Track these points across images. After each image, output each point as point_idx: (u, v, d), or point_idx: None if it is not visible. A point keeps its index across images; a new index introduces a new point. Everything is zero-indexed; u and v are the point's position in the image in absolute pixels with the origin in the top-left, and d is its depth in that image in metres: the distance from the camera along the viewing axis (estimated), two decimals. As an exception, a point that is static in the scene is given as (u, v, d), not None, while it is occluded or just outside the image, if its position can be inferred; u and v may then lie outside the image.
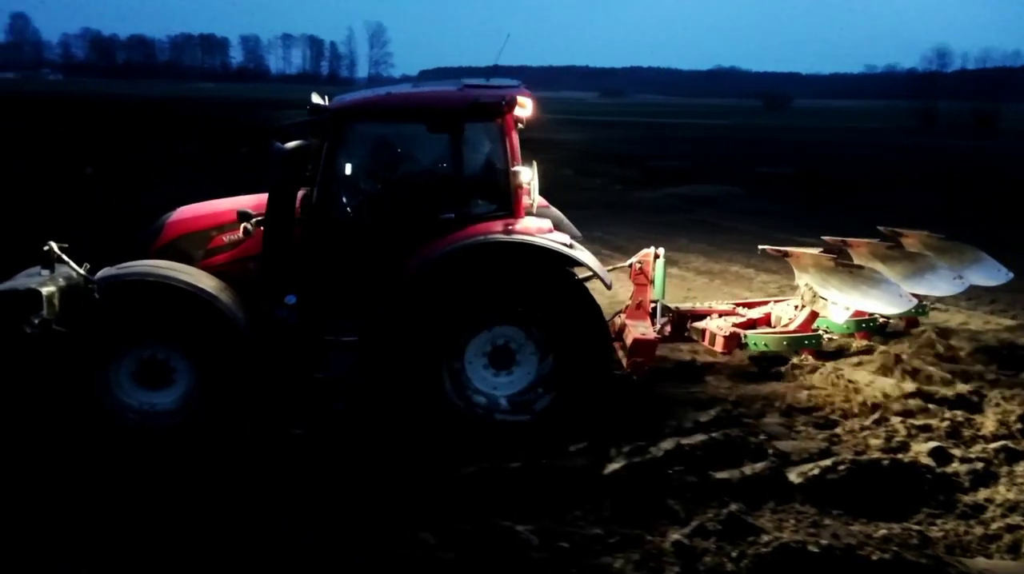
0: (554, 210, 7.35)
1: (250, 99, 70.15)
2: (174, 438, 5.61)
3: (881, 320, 7.55)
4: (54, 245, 5.77)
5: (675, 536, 4.36)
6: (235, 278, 6.06)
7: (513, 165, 6.08)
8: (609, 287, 6.18)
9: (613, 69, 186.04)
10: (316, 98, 6.20)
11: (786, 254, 7.50)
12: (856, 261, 7.77)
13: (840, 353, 7.57)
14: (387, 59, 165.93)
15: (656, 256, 7.16)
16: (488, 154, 6.34)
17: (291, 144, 5.98)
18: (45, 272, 5.69)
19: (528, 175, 6.19)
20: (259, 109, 52.54)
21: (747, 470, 5.08)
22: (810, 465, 5.15)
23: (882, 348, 7.42)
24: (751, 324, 7.36)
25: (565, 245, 5.91)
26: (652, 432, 5.68)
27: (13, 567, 4.21)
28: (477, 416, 5.92)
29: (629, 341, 6.62)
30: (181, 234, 6.41)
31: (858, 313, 7.12)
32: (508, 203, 6.14)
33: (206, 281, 5.78)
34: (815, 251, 7.19)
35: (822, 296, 6.89)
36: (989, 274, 7.68)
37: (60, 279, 5.65)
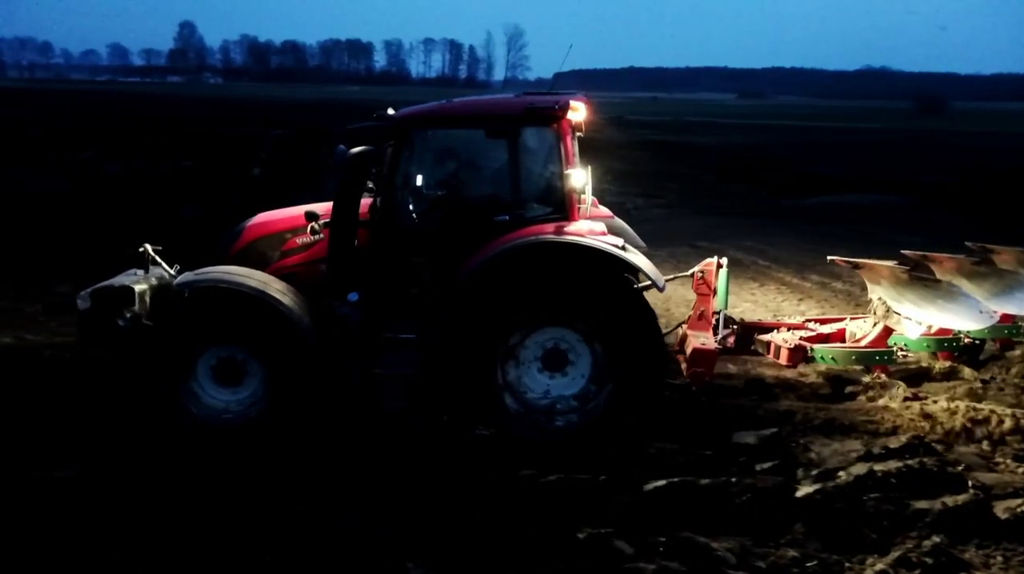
0: (618, 220, 7.39)
1: (393, 102, 72.65)
2: (248, 434, 5.92)
3: (966, 340, 7.11)
4: (149, 247, 6.47)
5: (878, 565, 4.29)
6: (307, 278, 6.39)
7: (567, 169, 6.16)
8: (662, 290, 6.09)
9: (753, 70, 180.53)
10: (390, 111, 6.50)
11: (857, 266, 7.20)
12: (940, 276, 7.39)
13: (922, 375, 7.24)
14: (524, 62, 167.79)
15: (719, 266, 7.01)
16: (543, 159, 6.41)
17: (357, 149, 6.20)
18: (140, 272, 6.36)
19: (582, 179, 6.24)
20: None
21: (948, 501, 4.89)
22: (1018, 500, 4.92)
23: (968, 371, 7.03)
24: (823, 339, 7.13)
25: (617, 247, 5.91)
26: (840, 456, 5.57)
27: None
28: (529, 417, 6.00)
29: (689, 351, 6.56)
30: (258, 237, 6.77)
31: (941, 331, 6.78)
32: (562, 206, 6.25)
33: (275, 285, 6.07)
34: (890, 263, 6.86)
35: (896, 311, 6.60)
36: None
37: (153, 279, 6.35)
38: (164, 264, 6.57)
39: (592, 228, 6.17)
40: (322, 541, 4.62)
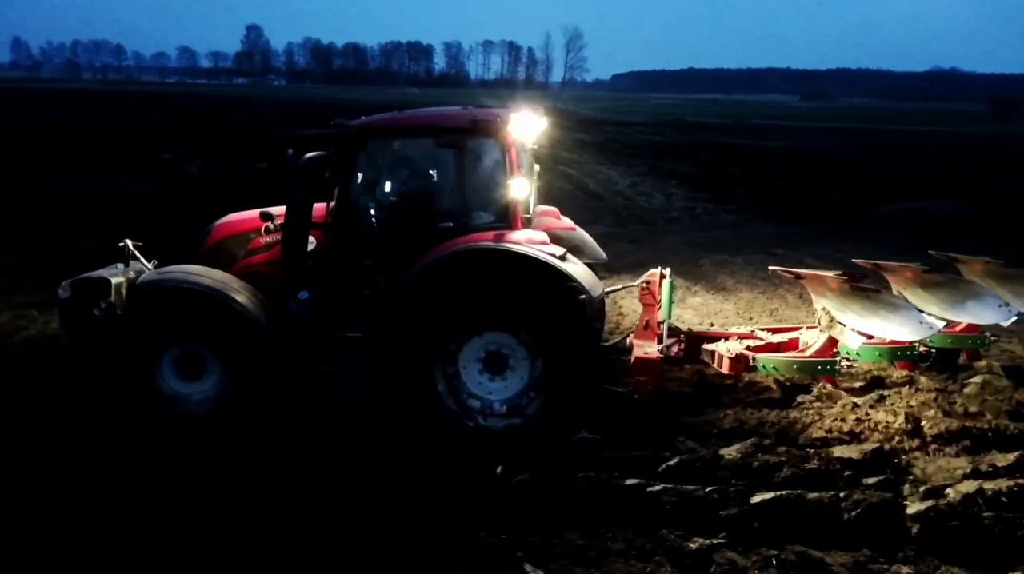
0: (580, 231, 7.82)
1: (449, 103, 73.22)
2: (210, 426, 6.28)
3: (922, 349, 7.11)
4: (129, 243, 6.98)
5: (1002, 587, 4.26)
6: (270, 276, 6.84)
7: (510, 180, 6.41)
8: (595, 302, 6.15)
9: (817, 71, 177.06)
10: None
11: (799, 276, 7.11)
12: (893, 286, 7.48)
13: (875, 384, 7.15)
14: (582, 63, 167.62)
15: (663, 277, 7.09)
16: (488, 170, 6.64)
17: (310, 154, 6.60)
18: (121, 266, 6.79)
19: (525, 190, 6.50)
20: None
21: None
22: None
23: (925, 380, 6.96)
24: (774, 348, 7.14)
25: (553, 255, 6.10)
26: (945, 473, 5.52)
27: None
28: (469, 419, 6.25)
29: (632, 360, 6.70)
30: (226, 236, 7.28)
31: (896, 341, 6.77)
32: (505, 216, 6.50)
33: (233, 285, 6.48)
34: (831, 274, 6.82)
35: (839, 321, 6.64)
36: None
37: (131, 272, 6.78)
38: (143, 259, 7.11)
39: (531, 237, 6.38)
40: (305, 537, 4.78)
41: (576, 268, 6.30)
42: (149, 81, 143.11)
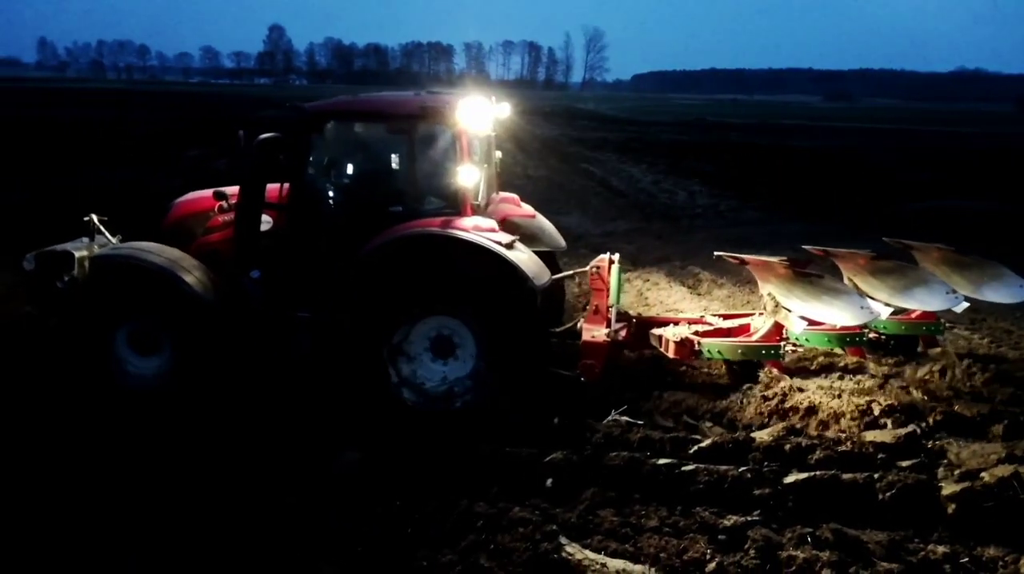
0: (540, 219, 8.01)
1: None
2: (164, 399, 6.41)
3: (871, 335, 7.17)
4: (95, 217, 7.16)
5: (1036, 565, 4.26)
6: (226, 254, 6.97)
7: (459, 166, 6.50)
8: (538, 289, 6.20)
9: (840, 71, 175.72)
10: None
11: (744, 262, 7.14)
12: (844, 273, 7.54)
13: (826, 370, 7.17)
14: (602, 63, 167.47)
15: (612, 262, 7.13)
16: (438, 155, 6.73)
17: (264, 135, 6.70)
18: (86, 240, 6.93)
19: (474, 176, 6.60)
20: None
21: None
22: None
23: (874, 366, 7.01)
24: (724, 334, 7.21)
25: (499, 243, 6.19)
26: (980, 458, 5.51)
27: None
28: (419, 399, 6.39)
29: (580, 344, 6.82)
30: (186, 214, 7.48)
31: (846, 327, 6.83)
32: (454, 201, 6.59)
33: (184, 263, 6.63)
34: (775, 259, 6.84)
35: (784, 306, 6.70)
36: (1009, 291, 7.09)
37: (95, 247, 6.92)
38: (107, 234, 7.28)
39: (478, 224, 6.44)
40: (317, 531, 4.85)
41: (521, 255, 6.36)
42: (173, 81, 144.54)
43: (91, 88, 78.03)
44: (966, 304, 7.16)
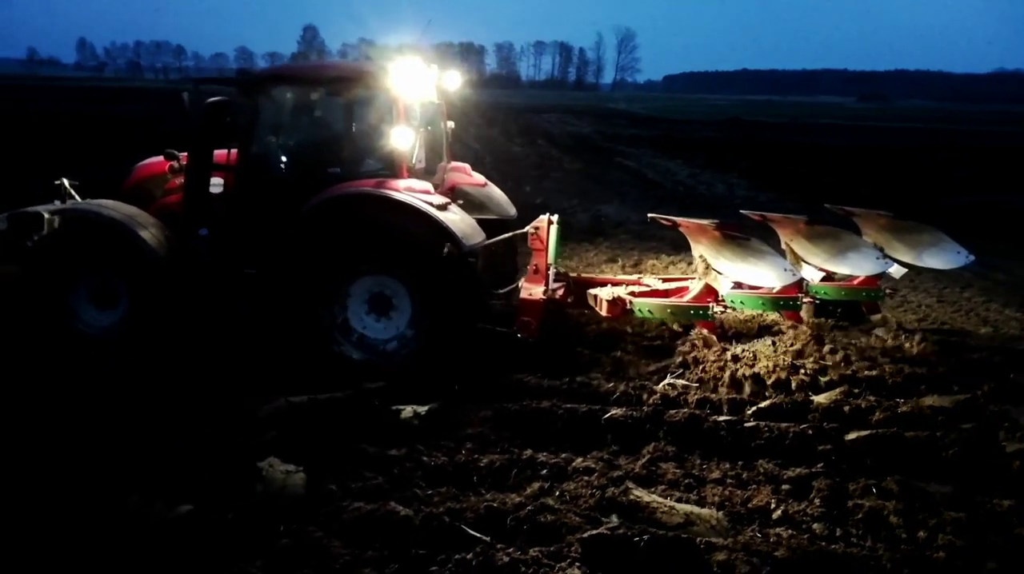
0: (491, 188, 8.34)
1: (508, 104, 73.64)
2: (122, 351, 6.66)
3: (806, 300, 7.34)
4: (66, 181, 7.48)
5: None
6: (182, 213, 7.23)
7: (395, 130, 6.69)
8: (462, 252, 6.31)
9: (874, 72, 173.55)
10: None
11: (676, 224, 7.20)
12: (782, 237, 7.69)
13: (761, 333, 7.33)
14: (634, 64, 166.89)
15: (551, 223, 7.27)
16: (376, 119, 6.96)
17: (212, 99, 6.97)
18: (57, 203, 7.17)
19: (409, 140, 6.78)
20: (520, 115, 55.11)
21: None
22: None
23: (803, 329, 7.15)
24: (662, 295, 7.42)
25: (430, 203, 6.38)
26: None
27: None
28: (353, 355, 6.59)
29: (518, 302, 7.05)
30: (145, 177, 7.88)
31: (786, 291, 7.08)
32: (391, 164, 6.78)
33: (139, 219, 6.92)
34: (705, 222, 6.93)
35: (715, 268, 6.89)
36: (947, 257, 7.38)
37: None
38: (78, 197, 7.57)
39: (411, 185, 6.63)
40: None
41: (452, 216, 6.55)
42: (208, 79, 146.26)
43: (130, 87, 79.30)
44: (903, 270, 7.48)
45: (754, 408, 5.65)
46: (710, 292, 7.06)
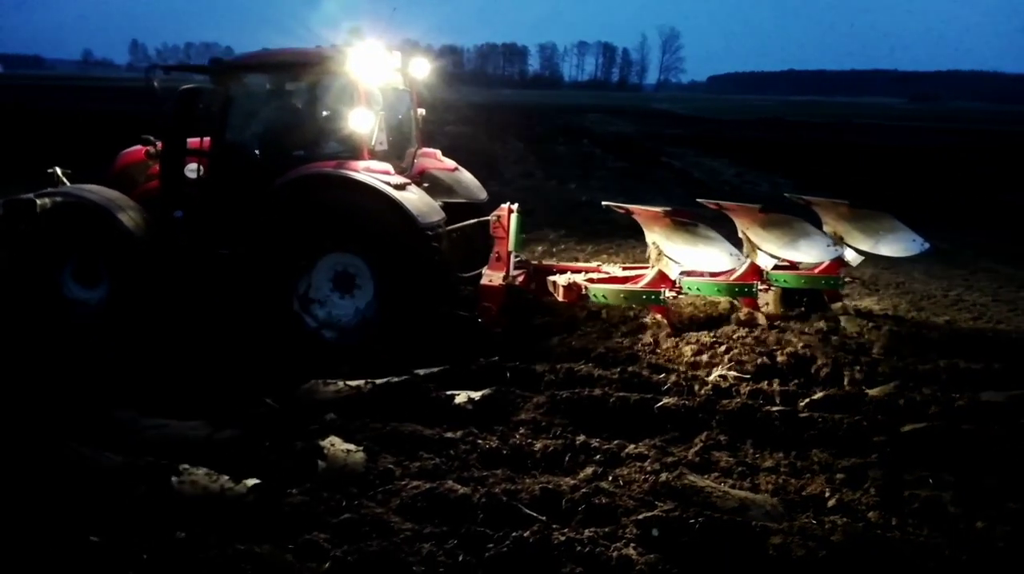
0: (461, 172, 8.62)
1: (550, 104, 73.72)
2: (105, 328, 7.01)
3: (762, 287, 7.51)
4: (58, 170, 7.84)
5: None
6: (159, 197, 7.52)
7: (356, 113, 6.96)
8: (422, 231, 6.54)
9: (925, 73, 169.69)
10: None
11: (630, 211, 7.39)
12: (738, 225, 7.83)
13: (716, 321, 7.52)
14: (678, 64, 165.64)
15: (511, 211, 7.43)
16: (338, 103, 7.24)
17: (186, 87, 7.28)
18: (50, 190, 7.40)
19: (369, 123, 7.02)
20: (562, 114, 55.17)
21: None
22: None
23: (762, 318, 7.35)
24: (619, 282, 7.59)
25: (388, 184, 6.62)
26: None
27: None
28: (319, 332, 6.89)
29: (479, 287, 7.28)
30: (128, 164, 8.19)
31: (745, 277, 7.43)
32: (353, 146, 7.04)
33: (119, 202, 7.23)
34: (657, 209, 7.14)
35: (667, 254, 7.06)
36: (903, 245, 7.52)
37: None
38: (68, 183, 7.89)
39: (370, 166, 6.87)
40: None
41: (410, 195, 6.75)
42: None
43: (175, 86, 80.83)
44: (860, 258, 7.70)
45: (807, 399, 5.65)
46: (663, 278, 7.24)
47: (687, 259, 6.98)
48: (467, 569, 3.74)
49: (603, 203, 7.83)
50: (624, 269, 8.12)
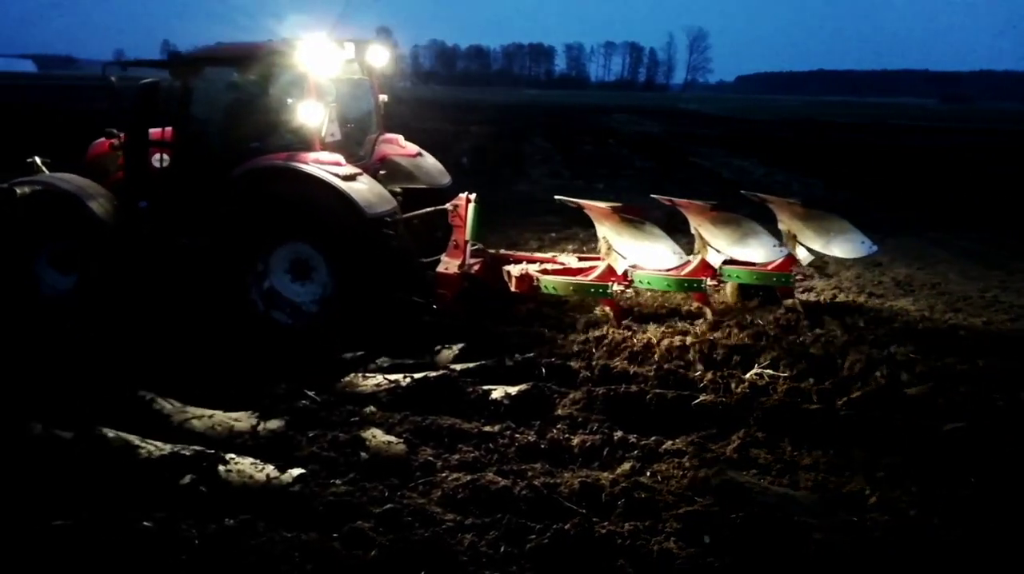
0: (424, 158, 8.78)
1: (576, 104, 73.72)
2: (77, 311, 7.27)
3: (710, 282, 7.65)
4: (37, 159, 8.07)
5: None
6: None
7: (306, 105, 7.11)
8: (369, 219, 6.71)
9: (958, 73, 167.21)
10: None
11: (580, 206, 7.51)
12: (691, 222, 7.98)
13: (670, 314, 7.84)
14: (705, 64, 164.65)
15: (468, 201, 7.54)
16: (289, 95, 7.39)
17: (146, 80, 7.47)
18: (28, 178, 7.63)
19: (318, 114, 7.15)
20: (588, 114, 55.14)
21: None
22: None
23: (709, 312, 7.58)
24: (573, 273, 7.72)
25: (336, 174, 6.79)
26: None
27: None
28: (275, 318, 7.09)
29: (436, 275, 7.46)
30: (99, 154, 8.37)
31: (699, 271, 7.64)
32: (304, 137, 7.20)
33: (88, 190, 7.50)
34: (606, 205, 7.28)
35: (616, 250, 7.23)
36: (853, 246, 7.70)
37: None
38: (47, 172, 8.15)
39: (319, 157, 7.01)
40: None
41: (359, 186, 6.93)
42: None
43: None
44: (810, 256, 7.91)
45: (845, 398, 5.63)
46: (611, 272, 7.38)
47: (634, 255, 7.17)
48: (509, 560, 3.79)
49: (556, 198, 7.97)
50: (580, 259, 8.24)
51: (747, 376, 6.12)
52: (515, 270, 7.64)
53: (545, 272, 7.66)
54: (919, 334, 7.33)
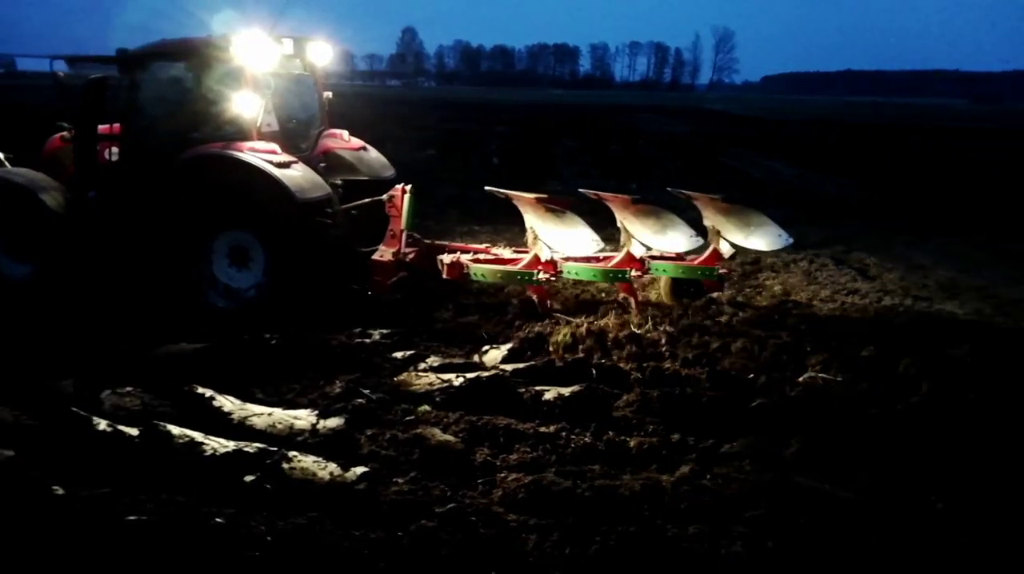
0: (369, 152, 9.14)
1: (602, 104, 73.59)
2: (40, 295, 7.66)
3: (634, 274, 7.81)
4: (1, 155, 8.65)
5: None
6: None
7: (243, 97, 7.45)
8: (299, 204, 7.02)
9: (989, 73, 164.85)
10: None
11: (509, 197, 7.68)
12: (616, 214, 8.11)
13: (594, 304, 8.15)
14: (731, 64, 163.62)
15: (404, 191, 7.84)
16: (228, 87, 7.63)
17: (94, 76, 7.79)
18: None
19: (255, 106, 7.48)
20: (613, 114, 55.01)
21: None
22: None
23: (635, 304, 7.81)
24: (504, 262, 7.94)
25: (270, 162, 7.08)
26: None
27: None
28: (220, 304, 7.41)
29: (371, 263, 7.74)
30: (56, 149, 8.82)
31: (624, 263, 7.86)
32: (239, 127, 7.51)
33: (40, 183, 7.98)
34: (531, 195, 7.51)
35: (540, 237, 7.47)
36: (770, 239, 7.90)
37: None
38: (9, 166, 8.57)
39: (254, 146, 7.31)
40: None
41: (292, 173, 7.21)
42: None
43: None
44: (731, 249, 8.07)
45: (904, 403, 5.56)
46: (537, 260, 7.62)
47: (558, 243, 7.42)
48: (576, 561, 3.78)
49: (486, 188, 8.09)
50: (515, 251, 8.43)
51: (801, 379, 6.07)
52: (447, 258, 7.86)
53: (477, 261, 7.93)
54: (971, 338, 7.23)
